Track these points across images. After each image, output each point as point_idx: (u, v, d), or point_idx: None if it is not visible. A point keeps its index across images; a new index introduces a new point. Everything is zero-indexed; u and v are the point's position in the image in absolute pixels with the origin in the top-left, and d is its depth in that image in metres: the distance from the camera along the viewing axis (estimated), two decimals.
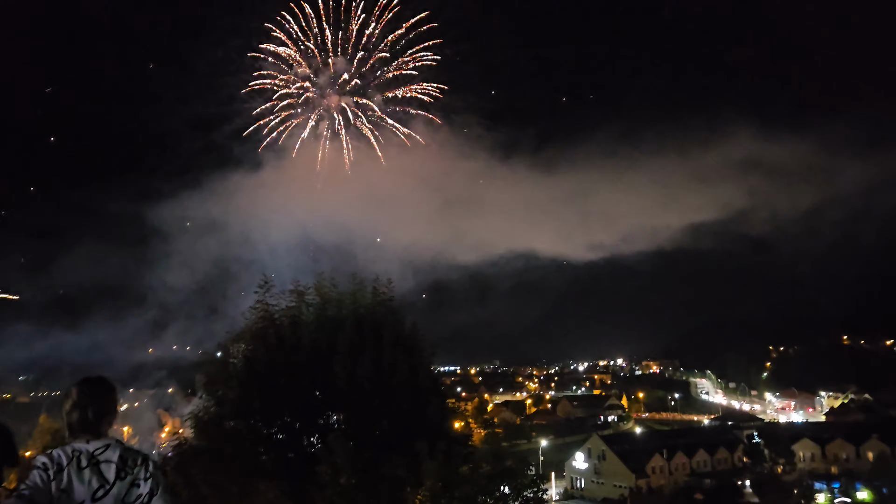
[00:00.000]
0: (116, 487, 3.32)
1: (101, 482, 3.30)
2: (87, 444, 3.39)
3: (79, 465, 3.30)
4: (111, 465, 3.36)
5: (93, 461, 3.34)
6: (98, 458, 3.36)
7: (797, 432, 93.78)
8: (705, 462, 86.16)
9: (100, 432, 3.46)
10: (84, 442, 3.39)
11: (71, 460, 3.31)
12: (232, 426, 14.92)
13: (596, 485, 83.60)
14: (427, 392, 15.57)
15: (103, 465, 3.35)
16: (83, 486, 3.27)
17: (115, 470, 3.35)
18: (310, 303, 16.66)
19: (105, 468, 3.34)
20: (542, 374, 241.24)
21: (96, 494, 3.28)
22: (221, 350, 17.23)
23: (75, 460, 3.31)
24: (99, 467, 3.34)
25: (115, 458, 3.38)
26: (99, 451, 3.38)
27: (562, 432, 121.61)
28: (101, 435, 3.46)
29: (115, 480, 3.33)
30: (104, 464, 3.35)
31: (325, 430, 14.86)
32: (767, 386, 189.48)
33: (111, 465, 3.36)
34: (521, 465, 15.43)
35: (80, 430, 3.44)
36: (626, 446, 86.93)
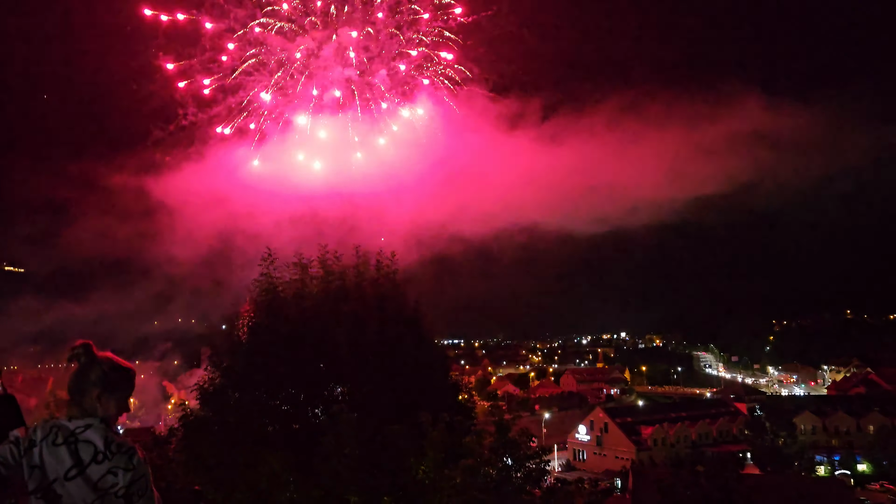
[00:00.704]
0: (91, 470, 3.14)
1: (74, 461, 3.13)
2: (69, 421, 3.23)
3: (54, 441, 3.14)
4: (90, 445, 3.18)
5: (70, 439, 3.17)
6: (77, 436, 3.18)
7: (799, 405, 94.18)
8: (707, 434, 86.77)
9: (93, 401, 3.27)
10: (67, 419, 3.23)
11: (46, 436, 3.15)
12: (237, 397, 15.03)
13: (598, 456, 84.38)
14: (430, 364, 15.64)
15: (81, 445, 3.17)
16: (56, 463, 3.10)
17: (93, 452, 3.17)
18: (313, 276, 16.68)
19: (83, 448, 3.17)
20: (545, 348, 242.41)
21: (69, 473, 3.10)
22: (226, 323, 17.30)
23: (51, 435, 3.15)
24: (76, 446, 3.16)
25: (95, 439, 3.20)
26: (80, 430, 3.21)
27: (565, 405, 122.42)
28: (92, 403, 3.27)
29: (91, 462, 3.14)
30: (82, 443, 3.17)
31: (329, 402, 14.96)
32: (770, 360, 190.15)
33: (90, 445, 3.18)
34: (524, 437, 15.50)
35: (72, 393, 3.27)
36: (629, 419, 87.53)
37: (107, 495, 3.13)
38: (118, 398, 3.34)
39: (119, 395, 3.34)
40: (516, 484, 14.48)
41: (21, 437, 3.17)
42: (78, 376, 3.28)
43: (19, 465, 3.08)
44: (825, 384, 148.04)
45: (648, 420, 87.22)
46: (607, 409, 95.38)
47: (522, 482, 14.78)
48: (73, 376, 3.28)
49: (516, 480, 14.63)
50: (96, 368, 3.30)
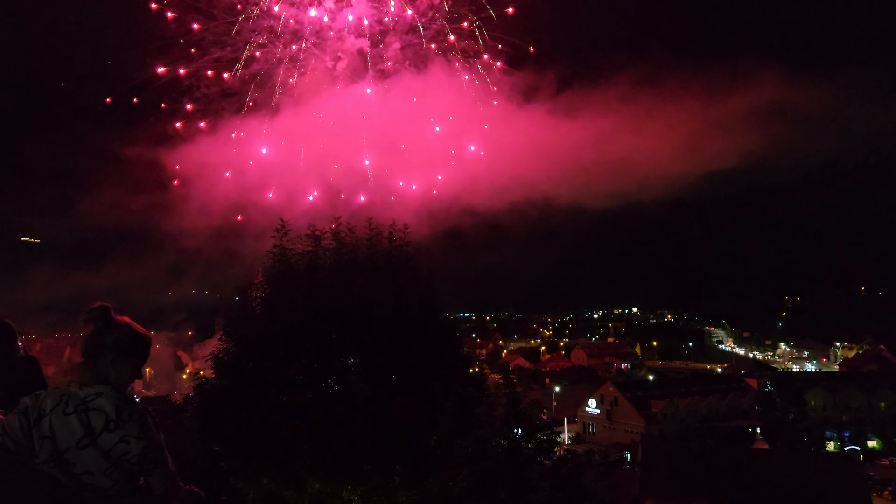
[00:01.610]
0: (103, 439, 3.06)
1: (85, 430, 3.04)
2: (80, 388, 3.13)
3: (64, 410, 3.05)
4: (101, 414, 3.08)
5: (81, 407, 3.08)
6: (88, 404, 3.09)
7: (810, 381, 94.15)
8: (717, 409, 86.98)
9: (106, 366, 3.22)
10: (77, 386, 3.14)
11: (56, 405, 3.06)
12: (251, 367, 15.21)
13: (608, 430, 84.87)
14: (442, 336, 15.75)
15: (92, 413, 3.08)
16: (67, 433, 3.02)
17: (105, 420, 3.08)
18: (326, 248, 16.75)
19: (94, 416, 3.07)
20: (556, 322, 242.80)
21: (80, 443, 3.02)
22: (240, 294, 17.43)
23: (61, 405, 3.06)
24: (87, 414, 3.07)
25: (107, 406, 3.11)
26: (90, 398, 3.11)
27: (575, 378, 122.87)
28: (105, 368, 3.22)
29: (103, 431, 3.06)
30: (94, 412, 3.08)
31: (342, 373, 15.12)
32: (782, 336, 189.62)
33: (101, 414, 3.08)
34: (534, 410, 15.64)
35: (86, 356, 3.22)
36: (639, 393, 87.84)
37: (119, 463, 3.09)
38: (132, 365, 3.30)
39: (133, 361, 3.31)
40: (527, 455, 14.64)
41: (30, 406, 3.07)
42: (93, 339, 3.23)
43: (28, 437, 3.00)
44: (837, 361, 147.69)
45: (658, 394, 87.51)
46: (617, 383, 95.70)
47: (533, 453, 14.95)
48: (88, 339, 3.22)
49: (527, 451, 14.79)
50: (112, 332, 3.26)
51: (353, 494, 12.72)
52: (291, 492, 13.17)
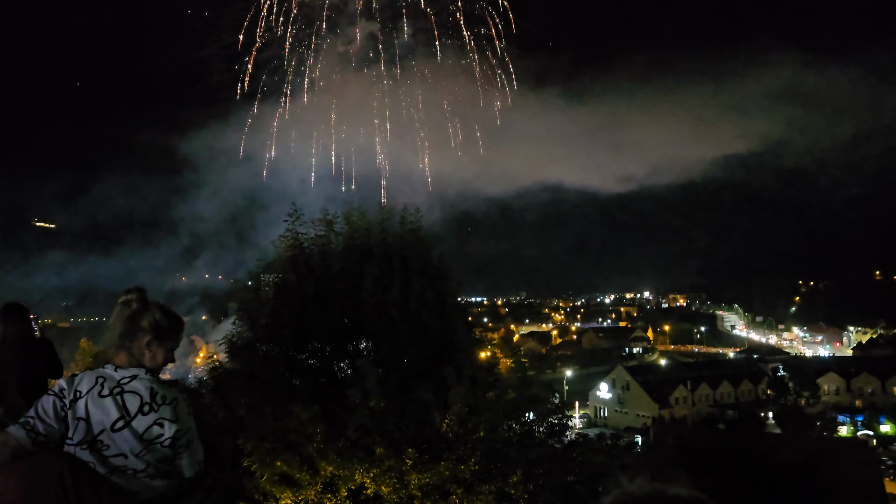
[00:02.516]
0: (137, 421, 3.08)
1: (120, 413, 3.06)
2: (115, 371, 3.17)
3: (100, 392, 3.08)
4: (136, 396, 3.12)
5: (116, 389, 3.10)
6: (123, 386, 3.12)
7: (823, 366, 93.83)
8: (729, 394, 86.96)
9: (161, 365, 3.29)
10: (112, 369, 3.17)
11: (92, 387, 3.08)
12: (265, 351, 15.33)
13: (619, 414, 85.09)
14: (454, 321, 15.79)
15: (127, 395, 3.11)
16: (102, 414, 3.04)
17: (140, 403, 3.11)
18: (338, 232, 16.80)
19: (129, 399, 3.10)
20: (568, 306, 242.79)
21: (115, 425, 3.05)
22: (252, 278, 17.54)
23: (97, 386, 3.09)
24: (122, 396, 3.10)
25: (142, 389, 3.14)
26: (125, 381, 3.14)
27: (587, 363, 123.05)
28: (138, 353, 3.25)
29: (137, 413, 3.09)
30: (129, 394, 3.11)
31: (354, 357, 15.22)
32: (795, 320, 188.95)
33: (136, 396, 3.12)
34: (546, 394, 15.70)
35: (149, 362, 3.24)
36: (650, 377, 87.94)
37: (152, 445, 3.11)
38: (167, 348, 3.33)
39: (168, 345, 3.34)
40: (538, 438, 14.72)
41: (66, 388, 3.08)
42: (130, 322, 3.26)
43: (63, 419, 3.01)
44: (850, 345, 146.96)
45: (670, 379, 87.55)
46: (629, 367, 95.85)
47: (544, 436, 15.03)
48: (126, 321, 3.25)
49: (539, 434, 14.87)
50: (149, 315, 3.29)
51: (366, 476, 12.85)
52: (305, 473, 13.32)
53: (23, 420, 2.93)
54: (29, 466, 2.81)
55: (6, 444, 2.81)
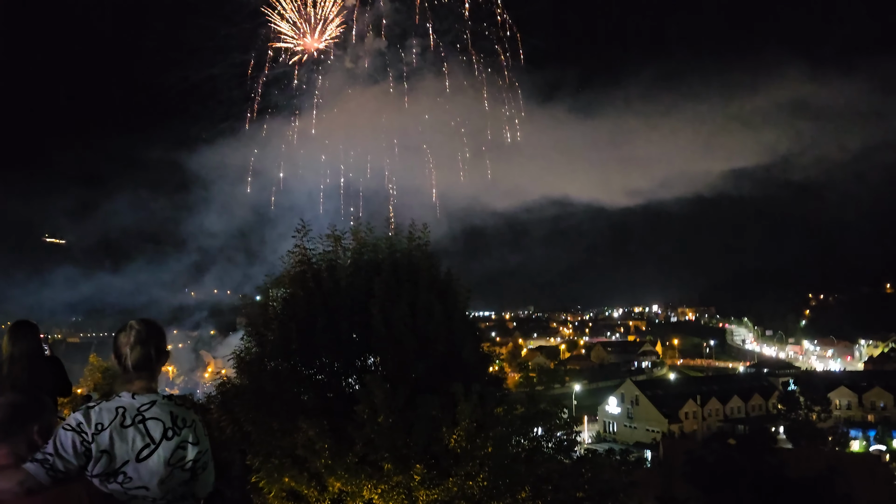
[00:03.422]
0: (162, 447, 3.07)
1: (146, 440, 3.04)
2: (133, 398, 3.12)
3: (122, 422, 3.03)
4: (158, 423, 3.10)
5: (137, 418, 3.06)
6: (144, 414, 3.09)
7: (834, 380, 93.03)
8: (739, 408, 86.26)
9: (155, 373, 3.27)
10: (130, 396, 3.12)
11: (114, 419, 3.02)
12: (273, 366, 15.35)
13: (628, 429, 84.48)
14: (462, 336, 15.77)
15: (150, 423, 3.08)
16: (126, 446, 3.00)
17: (163, 428, 3.09)
18: (346, 247, 16.86)
19: (152, 426, 3.08)
20: (576, 320, 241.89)
21: (141, 454, 3.02)
22: (261, 293, 17.60)
23: (118, 417, 3.03)
24: (145, 425, 3.07)
25: (163, 415, 3.12)
26: (145, 408, 3.11)
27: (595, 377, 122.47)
28: (155, 375, 3.27)
29: (162, 440, 3.07)
30: (151, 421, 3.09)
31: (362, 372, 15.21)
32: (805, 334, 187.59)
33: (158, 423, 3.10)
34: (554, 409, 15.63)
35: (140, 368, 3.19)
36: (660, 392, 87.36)
37: (175, 469, 3.11)
38: (163, 361, 3.32)
39: (165, 357, 3.33)
40: (547, 454, 14.64)
41: (83, 422, 3.00)
42: (145, 350, 3.22)
43: (84, 454, 2.95)
44: (862, 359, 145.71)
45: (680, 393, 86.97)
46: (638, 381, 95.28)
47: (553, 452, 14.94)
48: (141, 351, 3.20)
49: (547, 450, 14.79)
50: (159, 341, 3.28)
51: (374, 493, 12.81)
52: (312, 489, 13.29)
53: (41, 457, 2.88)
54: (46, 496, 2.80)
55: (23, 484, 2.78)
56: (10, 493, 2.76)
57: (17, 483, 2.77)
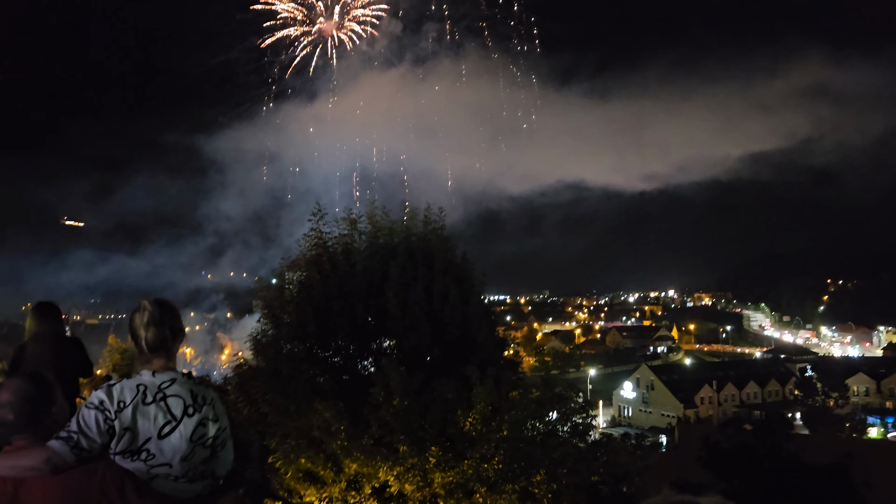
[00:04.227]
0: (184, 424, 3.09)
1: (167, 418, 3.07)
2: (153, 376, 3.14)
3: (143, 400, 3.05)
4: (179, 400, 3.12)
5: (159, 395, 3.09)
6: (165, 392, 3.11)
7: (852, 366, 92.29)
8: (755, 394, 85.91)
9: (172, 352, 3.27)
10: (150, 374, 3.15)
11: (135, 396, 3.05)
12: (289, 349, 15.45)
13: (644, 413, 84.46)
14: (477, 319, 15.76)
15: (171, 400, 3.11)
16: (149, 423, 3.03)
17: (184, 405, 3.12)
18: (362, 231, 16.87)
19: (173, 403, 3.10)
20: (591, 305, 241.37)
21: (162, 431, 3.05)
22: (277, 276, 17.68)
23: (139, 395, 3.06)
24: (166, 402, 3.09)
25: (183, 393, 3.15)
26: (165, 385, 3.14)
27: (611, 362, 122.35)
28: (173, 355, 3.28)
29: (183, 416, 3.10)
30: (172, 398, 3.11)
31: (378, 355, 15.27)
32: (823, 320, 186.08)
33: (179, 400, 3.12)
34: (570, 393, 15.63)
35: (156, 349, 3.20)
36: (675, 377, 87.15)
37: (196, 446, 3.14)
38: (180, 340, 3.34)
39: (181, 336, 3.34)
40: (562, 437, 14.65)
41: (106, 401, 3.02)
42: (161, 329, 3.23)
43: (107, 432, 2.97)
44: (881, 345, 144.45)
45: (696, 378, 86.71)
46: (653, 366, 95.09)
47: (568, 436, 14.95)
48: (157, 330, 3.22)
49: (562, 434, 14.80)
50: (175, 321, 3.30)
51: (390, 474, 12.89)
52: (329, 471, 13.40)
53: (65, 435, 2.88)
54: (70, 474, 2.81)
55: (50, 461, 2.79)
56: (37, 470, 2.77)
57: (44, 461, 2.78)
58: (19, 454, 2.82)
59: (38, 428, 2.91)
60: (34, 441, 2.87)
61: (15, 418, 2.89)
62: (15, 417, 2.89)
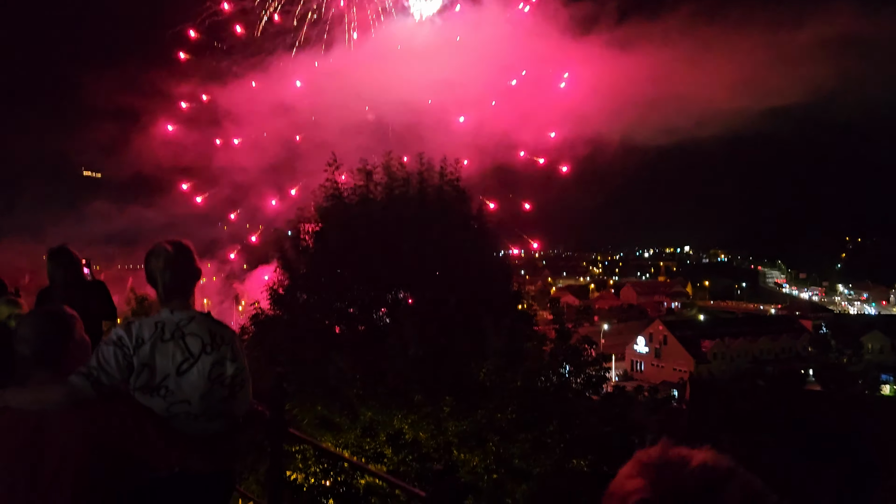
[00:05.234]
0: (201, 361, 3.12)
1: (185, 355, 3.10)
2: (172, 314, 3.17)
3: (161, 337, 3.09)
4: (197, 338, 3.15)
5: (177, 333, 3.13)
6: (183, 330, 3.15)
7: (867, 324, 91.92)
8: (769, 350, 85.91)
9: (190, 291, 3.29)
10: (169, 313, 3.17)
11: (154, 333, 3.09)
12: (305, 299, 15.58)
13: (656, 368, 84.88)
14: (492, 272, 15.79)
15: (189, 339, 3.13)
16: (167, 360, 3.07)
17: (202, 343, 3.15)
18: (378, 182, 16.82)
19: (191, 341, 3.13)
20: (606, 260, 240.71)
21: (181, 367, 3.08)
22: (293, 228, 17.72)
23: (157, 332, 3.10)
24: (184, 340, 3.13)
25: (201, 331, 3.17)
26: (184, 323, 3.16)
27: (624, 317, 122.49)
28: (191, 294, 3.30)
29: (201, 354, 3.13)
30: (190, 336, 3.14)
31: (393, 306, 15.37)
32: (840, 277, 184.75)
33: (197, 338, 3.15)
34: (583, 345, 15.70)
35: (174, 288, 3.22)
36: (688, 332, 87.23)
37: (214, 384, 3.17)
38: (197, 279, 3.36)
39: (198, 275, 3.36)
40: (575, 389, 14.78)
41: (124, 336, 3.07)
42: (183, 268, 3.26)
43: (126, 368, 3.02)
44: None
45: (709, 334, 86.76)
46: (667, 321, 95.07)
47: (581, 388, 15.08)
48: (178, 269, 3.24)
49: (576, 386, 14.92)
50: (193, 262, 3.32)
51: (404, 423, 13.08)
52: (344, 418, 13.62)
53: (85, 371, 2.93)
54: (91, 408, 2.86)
55: (71, 395, 2.84)
56: (59, 404, 2.82)
57: (65, 395, 2.83)
58: (41, 388, 2.85)
59: (57, 363, 2.94)
60: (55, 376, 2.90)
61: (33, 353, 2.91)
62: (33, 352, 2.91)
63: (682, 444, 1.21)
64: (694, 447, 1.20)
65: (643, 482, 1.11)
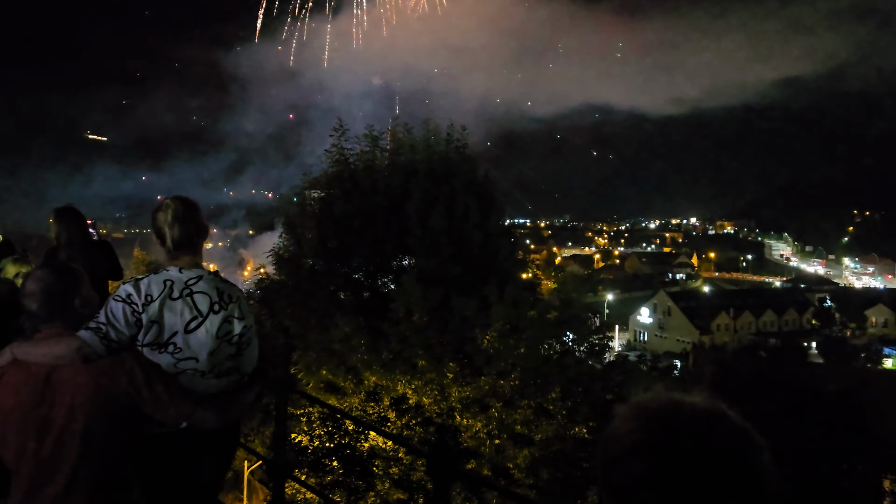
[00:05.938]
0: (210, 320, 3.14)
1: (193, 313, 3.12)
2: (181, 272, 3.18)
3: (170, 295, 3.09)
4: (205, 297, 3.16)
5: (185, 291, 3.13)
6: (192, 288, 3.15)
7: (872, 297, 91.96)
8: (772, 323, 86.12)
9: (198, 248, 3.31)
10: (177, 270, 3.18)
11: (162, 290, 3.09)
12: (310, 264, 15.63)
13: (659, 339, 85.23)
14: (497, 239, 15.79)
15: (197, 297, 3.14)
16: (175, 317, 3.08)
17: (210, 302, 3.16)
18: (384, 148, 16.75)
19: (199, 299, 3.14)
20: (612, 230, 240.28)
21: (189, 325, 3.10)
22: (298, 193, 17.71)
23: (166, 289, 3.10)
24: (193, 298, 3.13)
25: (209, 290, 3.18)
26: (192, 281, 3.17)
27: (629, 287, 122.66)
28: (199, 251, 3.32)
29: (209, 312, 3.15)
30: (198, 294, 3.15)
31: (398, 272, 15.41)
32: (846, 251, 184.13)
33: (205, 297, 3.16)
34: (587, 313, 15.77)
35: (182, 245, 3.23)
36: (693, 303, 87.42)
37: (222, 342, 3.20)
38: (204, 237, 3.36)
39: (205, 233, 3.36)
40: (578, 357, 14.87)
41: (133, 294, 3.07)
42: (190, 225, 3.27)
43: (135, 324, 3.03)
44: None
45: (713, 305, 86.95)
46: (671, 292, 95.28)
47: (584, 356, 15.17)
48: (185, 226, 3.25)
49: (579, 354, 15.01)
50: (191, 219, 3.30)
51: (408, 388, 13.22)
52: (349, 382, 13.77)
53: (94, 326, 2.94)
54: (99, 363, 2.89)
55: (80, 350, 2.85)
56: (69, 359, 2.85)
57: (75, 349, 2.86)
58: (51, 342, 2.89)
59: (65, 318, 2.97)
60: (63, 331, 2.93)
61: (39, 308, 2.93)
62: (39, 307, 2.93)
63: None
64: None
65: (637, 424, 1.15)
